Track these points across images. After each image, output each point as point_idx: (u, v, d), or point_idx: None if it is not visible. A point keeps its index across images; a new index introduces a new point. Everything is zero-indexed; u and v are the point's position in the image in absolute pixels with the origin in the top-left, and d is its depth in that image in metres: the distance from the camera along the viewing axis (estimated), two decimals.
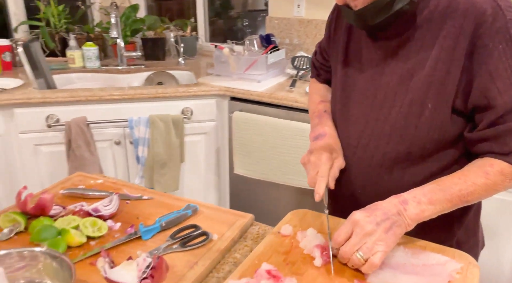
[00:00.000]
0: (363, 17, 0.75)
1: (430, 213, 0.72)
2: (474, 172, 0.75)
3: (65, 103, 1.87)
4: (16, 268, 0.70)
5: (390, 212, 0.70)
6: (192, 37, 2.63)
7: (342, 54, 0.90)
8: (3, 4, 2.46)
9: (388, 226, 0.69)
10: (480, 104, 0.74)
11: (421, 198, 0.72)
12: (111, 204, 0.92)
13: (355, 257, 0.67)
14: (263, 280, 0.55)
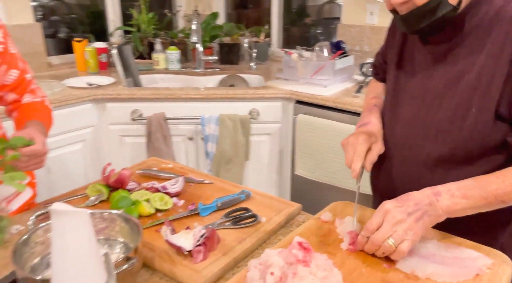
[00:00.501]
0: (408, 21, 0.79)
1: (463, 206, 0.74)
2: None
3: (148, 100, 2.09)
4: (99, 228, 0.85)
5: (421, 202, 0.73)
6: (265, 43, 2.76)
7: (396, 56, 0.94)
8: (103, 12, 2.81)
9: (418, 216, 0.72)
10: None
11: (455, 192, 0.74)
12: (177, 184, 1.05)
13: (386, 243, 0.71)
14: (294, 249, 0.63)
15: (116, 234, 0.84)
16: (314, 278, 0.60)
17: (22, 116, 1.05)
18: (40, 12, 2.69)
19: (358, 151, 0.85)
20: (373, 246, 0.74)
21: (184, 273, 0.77)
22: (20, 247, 0.74)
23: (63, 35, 2.83)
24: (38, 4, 2.67)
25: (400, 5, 0.77)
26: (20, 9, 2.29)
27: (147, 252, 0.83)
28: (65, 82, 2.16)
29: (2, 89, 1.03)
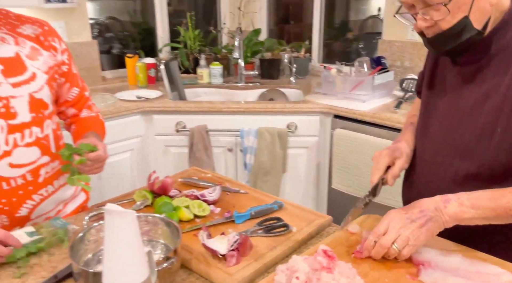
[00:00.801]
0: (434, 44, 0.83)
1: (471, 216, 0.76)
2: None
3: (191, 113, 2.21)
4: (143, 230, 0.94)
5: (427, 209, 0.77)
6: (305, 58, 2.82)
7: (428, 76, 0.97)
8: (153, 29, 3.00)
9: (422, 222, 0.76)
10: None
11: (465, 201, 0.77)
12: (214, 193, 1.13)
13: (392, 249, 0.76)
14: (319, 256, 0.67)
15: (158, 236, 0.92)
16: None
17: (80, 128, 1.18)
18: (97, 29, 2.93)
19: (379, 164, 0.89)
20: (381, 248, 0.78)
21: (218, 275, 0.84)
22: (76, 244, 0.84)
23: (116, 51, 3.04)
24: (95, 21, 2.91)
25: (426, 29, 0.81)
26: (79, 27, 2.50)
27: (185, 254, 0.90)
28: (117, 95, 2.33)
29: (64, 105, 1.16)
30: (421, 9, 0.79)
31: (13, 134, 0.97)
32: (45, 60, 1.05)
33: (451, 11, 0.76)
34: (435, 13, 0.78)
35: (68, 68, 1.12)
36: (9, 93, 0.96)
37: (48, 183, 1.06)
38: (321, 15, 2.94)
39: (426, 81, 0.98)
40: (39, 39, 1.06)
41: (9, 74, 0.97)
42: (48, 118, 1.05)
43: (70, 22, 2.45)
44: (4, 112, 0.95)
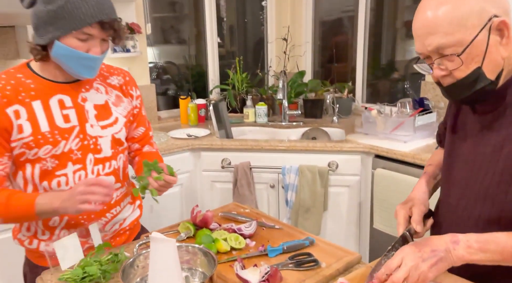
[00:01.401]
0: (450, 92, 0.89)
1: (479, 258, 0.80)
2: None
3: (236, 150, 2.35)
4: (184, 259, 1.05)
5: (438, 249, 0.81)
6: (348, 98, 2.90)
7: (451, 123, 1.03)
8: (205, 72, 3.25)
9: (433, 262, 0.80)
10: None
11: (473, 243, 0.80)
12: (251, 227, 1.22)
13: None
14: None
15: (197, 265, 1.03)
16: None
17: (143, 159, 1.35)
18: (155, 72, 3.22)
19: (398, 219, 0.98)
20: None
21: None
22: (127, 268, 0.96)
23: (172, 92, 3.31)
24: (154, 65, 3.21)
25: (442, 78, 0.88)
26: (140, 72, 2.79)
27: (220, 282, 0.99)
28: (170, 134, 2.54)
29: (130, 141, 1.36)
30: (436, 59, 0.85)
31: (97, 166, 1.17)
32: (125, 106, 1.26)
33: (464, 62, 0.82)
34: (450, 63, 0.84)
35: (138, 111, 1.32)
36: (98, 133, 1.17)
37: (117, 204, 1.25)
38: (364, 56, 3.04)
39: (449, 126, 1.03)
40: (122, 88, 1.26)
41: (99, 118, 1.18)
42: (121, 152, 1.25)
43: (133, 68, 2.74)
44: (93, 148, 1.16)
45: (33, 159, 1.09)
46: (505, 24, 0.81)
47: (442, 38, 0.82)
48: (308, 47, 3.27)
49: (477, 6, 0.80)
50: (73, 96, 1.13)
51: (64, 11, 0.99)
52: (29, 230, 1.19)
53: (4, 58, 2.31)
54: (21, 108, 1.06)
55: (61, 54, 1.04)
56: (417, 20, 0.86)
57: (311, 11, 3.23)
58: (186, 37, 3.30)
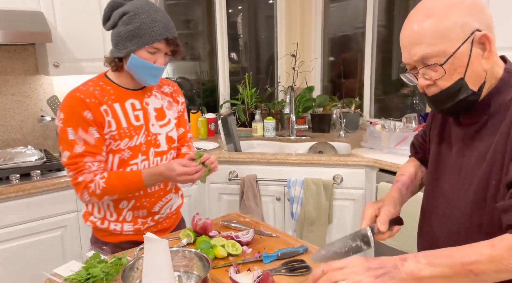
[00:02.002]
0: (435, 102, 0.93)
1: (428, 273, 0.77)
2: (483, 243, 0.79)
3: (243, 163, 2.41)
4: (181, 263, 1.10)
5: (386, 263, 0.80)
6: (355, 113, 2.94)
7: (437, 135, 1.06)
8: (216, 87, 3.35)
9: (379, 274, 0.79)
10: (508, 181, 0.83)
11: (421, 259, 0.79)
12: (248, 235, 1.27)
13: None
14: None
15: (193, 269, 1.08)
16: None
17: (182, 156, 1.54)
18: None
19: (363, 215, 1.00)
20: (326, 280, 0.80)
21: None
22: (127, 271, 1.02)
23: None
24: None
25: (427, 88, 0.92)
26: None
27: None
28: None
29: None
30: (421, 68, 0.90)
31: (157, 157, 1.41)
32: (174, 110, 1.50)
33: (447, 72, 0.87)
34: (434, 73, 0.89)
35: (181, 114, 1.56)
36: (157, 131, 1.41)
37: (170, 191, 1.48)
38: (372, 72, 3.08)
39: (435, 139, 1.07)
40: (172, 95, 1.51)
41: (158, 119, 1.42)
42: (173, 149, 1.48)
43: None
44: (154, 143, 1.40)
45: (115, 150, 1.33)
46: (487, 38, 0.86)
47: (427, 48, 0.86)
48: (317, 63, 3.34)
49: (461, 20, 0.85)
50: (140, 100, 1.39)
51: (140, 30, 1.25)
52: (100, 212, 1.39)
53: (24, 73, 2.45)
54: (107, 108, 1.31)
55: (135, 64, 1.29)
56: (404, 31, 0.91)
57: (320, 28, 3.31)
58: (199, 53, 3.41)
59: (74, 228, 2.09)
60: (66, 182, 2.01)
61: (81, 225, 2.10)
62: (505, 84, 0.90)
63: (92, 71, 2.33)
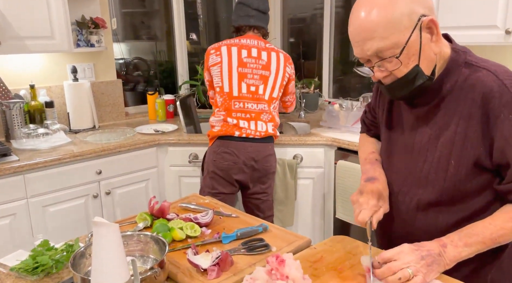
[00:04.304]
0: (391, 91, 0.94)
1: (467, 253, 0.85)
2: (502, 218, 0.87)
3: (204, 145, 2.36)
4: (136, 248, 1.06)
5: (433, 251, 0.85)
6: (315, 94, 2.96)
7: (386, 115, 1.08)
8: (174, 68, 3.25)
9: (430, 261, 0.83)
10: (502, 163, 0.87)
11: (458, 242, 0.85)
12: (207, 216, 1.25)
13: (405, 271, 0.81)
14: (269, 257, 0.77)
15: (149, 253, 1.05)
16: None
17: None
18: (124, 68, 3.20)
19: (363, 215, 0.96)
20: (388, 271, 0.83)
21: None
22: (78, 258, 0.97)
23: (141, 88, 3.29)
24: (124, 61, 3.18)
25: (383, 79, 0.92)
26: (106, 68, 2.77)
27: (173, 268, 1.01)
28: (136, 129, 2.53)
29: None
30: (376, 62, 0.89)
31: None
32: None
33: (403, 62, 0.87)
34: (389, 64, 0.88)
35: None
36: None
37: None
38: (330, 52, 3.10)
39: (384, 120, 1.08)
40: None
41: None
42: None
43: (98, 63, 2.72)
44: None
45: None
46: (433, 22, 0.86)
47: (380, 42, 0.85)
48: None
49: (406, 8, 0.84)
50: None
51: None
52: None
53: None
54: None
55: None
56: (352, 26, 0.89)
57: (279, 8, 3.28)
58: (156, 33, 3.29)
59: (24, 216, 1.98)
60: (14, 167, 1.89)
61: (32, 213, 2.00)
62: (454, 64, 0.92)
63: (38, 50, 2.18)
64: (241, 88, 1.96)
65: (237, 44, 2.01)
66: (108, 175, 2.24)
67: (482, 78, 0.87)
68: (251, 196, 2.06)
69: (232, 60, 1.98)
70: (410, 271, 0.80)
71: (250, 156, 1.96)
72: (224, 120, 1.98)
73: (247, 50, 2.00)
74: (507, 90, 0.84)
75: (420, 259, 0.82)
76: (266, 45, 2.05)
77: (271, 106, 2.02)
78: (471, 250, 0.86)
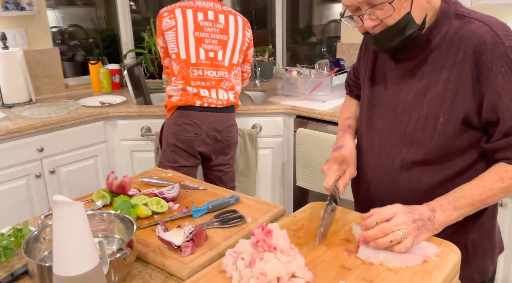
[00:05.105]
0: (380, 41, 0.88)
1: (455, 217, 0.84)
2: (490, 178, 0.85)
3: (156, 117, 2.23)
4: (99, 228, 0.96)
5: (424, 215, 0.82)
6: (269, 62, 2.89)
7: (369, 72, 1.04)
8: (117, 35, 3.00)
9: (420, 225, 0.81)
10: (491, 119, 0.85)
11: (447, 206, 0.84)
12: (173, 190, 1.16)
13: (397, 233, 0.79)
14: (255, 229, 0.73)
15: (115, 232, 0.95)
16: (278, 262, 0.69)
17: None
18: (60, 37, 2.90)
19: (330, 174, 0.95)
20: (381, 232, 0.79)
21: (173, 265, 0.87)
22: (32, 243, 0.85)
23: (80, 58, 3.02)
24: (58, 30, 2.88)
25: (373, 28, 0.87)
26: (40, 35, 2.48)
27: (142, 248, 0.93)
28: (80, 102, 2.33)
29: None
30: (367, 10, 0.84)
31: None
32: None
33: (396, 8, 0.82)
34: (380, 12, 0.83)
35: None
36: None
37: None
38: (283, 20, 3.03)
39: (368, 76, 1.04)
40: None
41: None
42: None
43: (30, 29, 2.43)
44: None
45: None
46: None
47: None
48: None
49: None
50: None
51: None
52: None
53: None
54: None
55: None
56: None
57: None
58: None
59: None
60: None
61: None
62: (444, 15, 0.88)
63: None
64: (199, 54, 1.84)
65: (192, 6, 1.87)
66: (52, 153, 2.05)
67: (475, 30, 0.84)
68: (213, 168, 1.99)
69: (188, 23, 1.84)
70: (401, 234, 0.78)
71: (213, 127, 1.87)
72: (183, 89, 1.86)
73: (203, 12, 1.86)
74: (500, 42, 0.81)
75: (411, 222, 0.80)
76: (223, 7, 1.93)
77: (231, 73, 1.92)
78: (460, 213, 0.84)
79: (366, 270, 0.75)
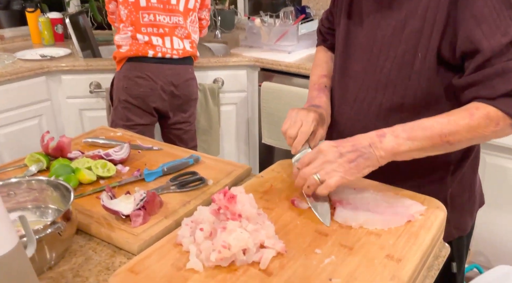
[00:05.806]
0: None
1: (407, 148, 0.71)
2: (458, 113, 0.73)
3: (106, 71, 2.01)
4: (27, 198, 0.80)
5: (360, 144, 0.71)
6: (230, 10, 2.67)
7: (346, 10, 0.91)
8: None
9: (352, 158, 0.70)
10: (467, 50, 0.73)
11: (400, 133, 0.72)
12: (122, 151, 1.01)
13: (312, 178, 0.70)
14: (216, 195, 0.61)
15: (48, 202, 0.80)
16: (243, 231, 0.58)
17: None
18: None
19: (304, 128, 0.81)
20: (300, 179, 0.72)
21: (121, 237, 0.75)
22: None
23: (17, 7, 2.66)
24: None
25: None
26: None
27: (84, 219, 0.79)
28: (17, 55, 2.05)
29: None
30: None
31: None
32: None
33: None
34: None
35: None
36: None
37: None
38: None
39: (344, 14, 0.92)
40: None
41: None
42: None
43: None
44: None
45: None
46: None
47: None
48: None
49: None
50: None
51: None
52: None
53: None
54: None
55: None
56: None
57: None
58: None
59: None
60: None
61: None
62: None
63: None
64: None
65: None
66: None
67: None
68: (171, 126, 1.83)
69: None
70: (316, 178, 0.70)
71: (169, 80, 1.69)
72: (133, 37, 1.65)
73: None
74: None
75: (337, 157, 0.71)
76: None
77: (187, 20, 1.72)
78: (414, 144, 0.71)
79: (345, 235, 0.66)
